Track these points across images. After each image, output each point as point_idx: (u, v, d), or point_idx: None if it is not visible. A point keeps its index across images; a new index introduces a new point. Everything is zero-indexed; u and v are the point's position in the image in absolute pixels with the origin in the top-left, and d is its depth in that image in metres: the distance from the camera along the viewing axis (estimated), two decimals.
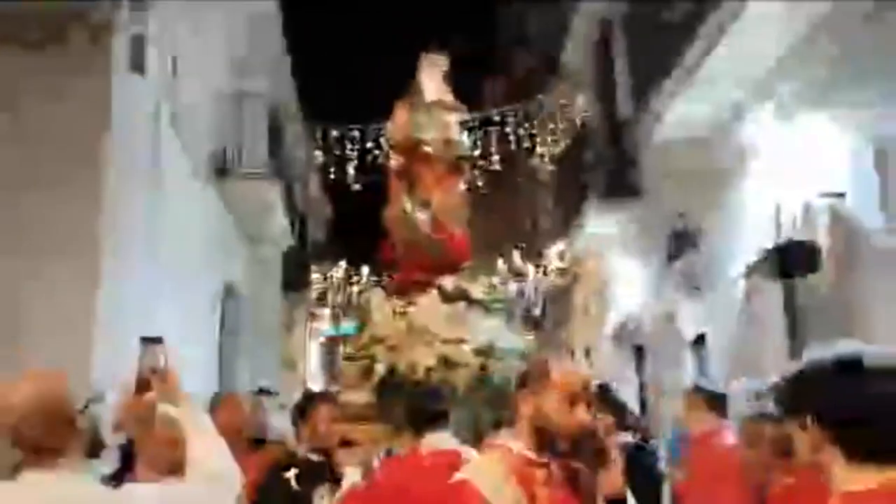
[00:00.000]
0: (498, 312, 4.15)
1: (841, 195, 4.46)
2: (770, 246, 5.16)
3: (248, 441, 3.17)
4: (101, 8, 4.77)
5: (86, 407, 1.67)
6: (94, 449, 1.75)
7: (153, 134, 5.69)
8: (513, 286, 4.76)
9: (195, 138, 6.89)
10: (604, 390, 3.02)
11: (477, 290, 4.20)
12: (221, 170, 8.06)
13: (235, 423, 2.85)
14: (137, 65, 5.28)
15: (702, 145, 6.63)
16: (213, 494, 1.73)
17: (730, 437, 2.95)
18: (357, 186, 7.66)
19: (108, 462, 2.48)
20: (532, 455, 1.64)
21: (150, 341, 1.93)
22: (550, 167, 9.87)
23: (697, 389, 3.28)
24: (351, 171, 7.48)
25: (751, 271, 5.66)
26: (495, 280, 4.84)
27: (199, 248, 7.22)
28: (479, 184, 5.00)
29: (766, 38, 4.93)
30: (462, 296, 4.13)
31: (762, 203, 5.35)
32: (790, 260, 5.70)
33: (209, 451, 1.77)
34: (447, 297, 4.06)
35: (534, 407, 1.65)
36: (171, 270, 5.89)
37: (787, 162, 5.22)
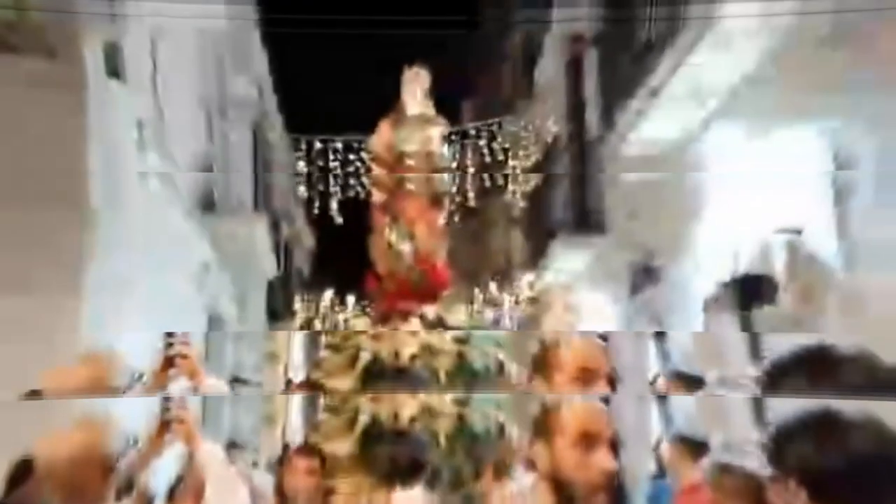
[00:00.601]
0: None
1: (798, 231, 4.50)
2: (728, 280, 5.18)
3: None
4: (74, 15, 4.47)
5: (125, 451, 1.62)
6: (125, 492, 1.73)
7: (137, 150, 5.38)
8: (489, 314, 4.69)
9: (181, 153, 6.60)
10: None
11: (456, 318, 4.13)
12: (209, 206, 7.88)
13: None
14: (113, 73, 5.00)
15: (663, 180, 6.67)
16: None
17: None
18: (340, 220, 7.53)
19: None
20: None
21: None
22: (522, 204, 9.89)
23: (682, 438, 3.13)
24: (334, 204, 7.34)
25: (710, 305, 5.67)
26: (474, 308, 4.76)
27: (181, 276, 6.99)
28: (457, 218, 4.93)
29: (726, 63, 4.93)
30: (441, 323, 4.06)
31: (722, 237, 5.38)
32: (748, 293, 5.74)
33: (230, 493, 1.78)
34: (428, 325, 3.98)
35: (547, 458, 1.29)
36: (152, 301, 5.64)
37: (747, 195, 5.25)
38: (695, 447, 3.02)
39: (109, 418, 1.67)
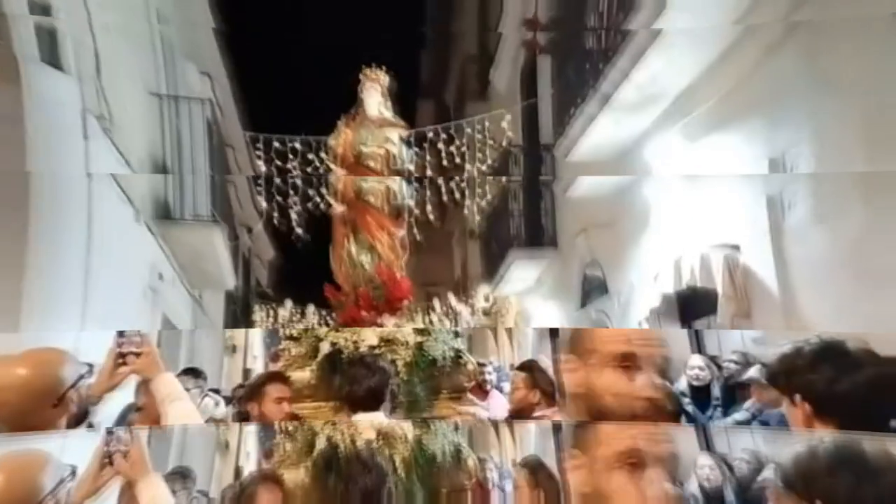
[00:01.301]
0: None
1: (735, 247, 4.67)
2: (671, 292, 5.35)
3: None
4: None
5: (76, 383, 1.60)
6: (78, 420, 1.72)
7: (83, 139, 5.03)
8: (447, 324, 4.71)
9: (130, 145, 6.20)
10: (535, 366, 2.90)
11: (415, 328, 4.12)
12: (162, 213, 7.58)
13: None
14: (50, 58, 4.63)
15: (611, 200, 6.84)
16: None
17: None
18: (299, 231, 7.40)
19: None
20: None
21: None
22: (479, 218, 9.97)
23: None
24: (294, 216, 7.22)
25: (654, 316, 5.83)
26: (433, 318, 4.77)
27: (135, 285, 6.75)
28: (416, 231, 4.94)
29: (673, 69, 5.06)
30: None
31: (664, 252, 5.54)
32: (689, 306, 5.93)
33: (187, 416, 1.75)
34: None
35: (581, 379, 1.14)
36: (104, 306, 5.41)
37: (687, 214, 5.44)
38: None
39: (59, 352, 1.64)
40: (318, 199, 6.88)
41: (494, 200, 9.71)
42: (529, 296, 10.89)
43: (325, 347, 3.52)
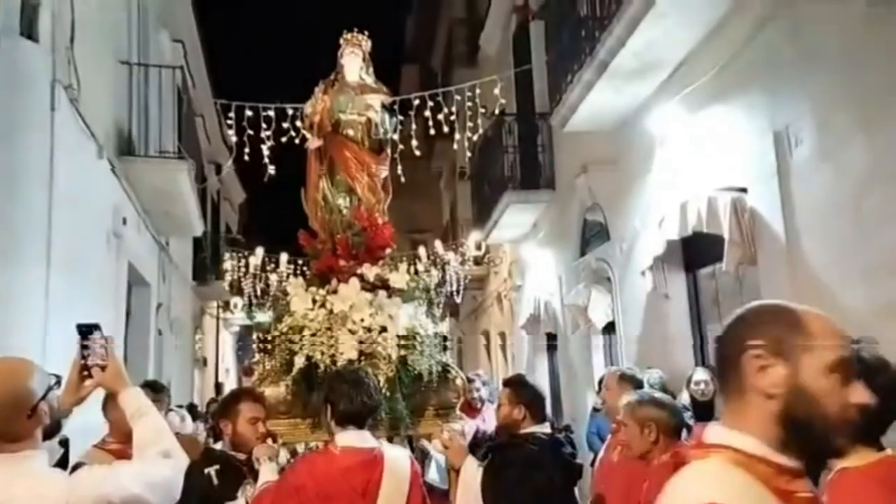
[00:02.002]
0: (419, 300, 4.10)
1: (743, 190, 4.71)
2: (675, 238, 5.41)
3: None
4: None
5: (46, 393, 1.65)
6: (52, 432, 1.78)
7: (50, 110, 5.22)
8: (434, 274, 4.72)
9: (97, 115, 6.41)
10: (520, 381, 3.03)
11: (399, 279, 4.13)
12: (125, 150, 7.56)
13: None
14: (28, 31, 4.85)
15: (613, 138, 6.86)
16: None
17: None
18: (272, 170, 7.35)
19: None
20: (782, 458, 1.04)
21: (87, 328, 1.87)
22: (469, 155, 9.91)
23: (625, 376, 3.39)
24: (266, 151, 7.16)
25: (657, 265, 5.92)
26: (418, 268, 4.78)
27: (100, 234, 6.77)
28: (400, 171, 4.90)
29: (674, 33, 5.13)
30: (384, 284, 4.06)
31: (669, 196, 5.57)
32: (694, 253, 6.02)
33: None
34: (369, 286, 3.97)
35: (784, 377, 1.05)
36: (68, 256, 5.48)
37: (693, 156, 5.46)
38: (637, 385, 3.33)
39: (26, 362, 1.70)
40: (292, 133, 6.83)
41: (488, 138, 9.65)
42: (525, 243, 10.99)
43: (299, 361, 3.46)
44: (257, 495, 2.56)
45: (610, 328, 7.57)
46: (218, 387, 15.63)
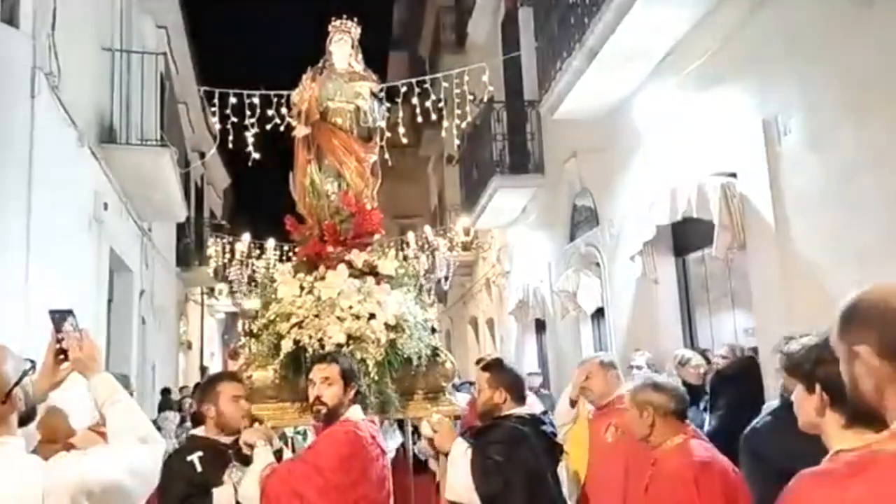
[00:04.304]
0: (407, 286, 4.10)
1: (732, 175, 4.74)
2: (665, 223, 5.44)
3: None
4: None
5: (21, 378, 1.63)
6: (28, 417, 1.77)
7: (30, 97, 5.18)
8: (423, 260, 4.71)
9: (78, 102, 6.34)
10: (499, 365, 3.07)
11: (387, 265, 4.12)
12: (107, 137, 7.47)
13: None
14: (10, 17, 4.83)
15: (603, 124, 6.87)
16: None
17: None
18: (257, 156, 7.30)
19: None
20: None
21: (61, 314, 1.84)
22: (458, 142, 9.89)
23: (604, 363, 3.44)
24: (250, 138, 7.11)
25: (647, 249, 5.96)
26: (407, 253, 4.77)
27: (81, 220, 6.70)
28: (388, 156, 4.88)
29: (663, 21, 5.15)
30: (372, 270, 4.05)
31: (659, 182, 5.60)
32: (683, 238, 6.06)
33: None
34: (357, 272, 3.96)
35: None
36: (49, 243, 5.44)
37: (683, 142, 5.49)
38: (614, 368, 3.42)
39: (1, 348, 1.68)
40: (277, 121, 6.78)
41: (476, 121, 9.63)
42: (513, 228, 11.01)
43: (286, 345, 3.45)
44: (293, 476, 2.55)
45: (599, 313, 7.62)
46: (203, 370, 15.66)
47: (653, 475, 2.53)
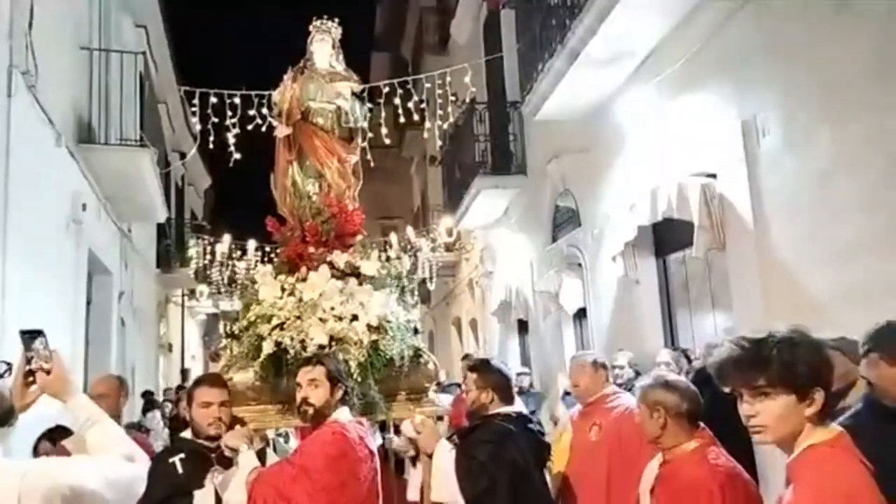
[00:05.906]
0: (390, 287, 4.09)
1: (712, 175, 4.79)
2: (646, 224, 5.49)
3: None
4: None
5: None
6: (4, 419, 1.74)
7: (7, 97, 5.09)
8: (406, 261, 4.70)
9: (55, 101, 6.25)
10: (486, 365, 3.08)
11: (369, 266, 4.11)
12: (85, 137, 7.38)
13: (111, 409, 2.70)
14: None
15: (584, 125, 6.92)
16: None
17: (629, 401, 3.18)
18: (238, 156, 7.24)
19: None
20: None
21: (31, 335, 1.81)
22: (440, 143, 9.89)
23: (596, 362, 3.46)
24: (231, 138, 7.05)
25: (629, 250, 6.01)
26: (389, 254, 4.76)
27: (59, 221, 6.61)
28: (370, 157, 4.87)
29: (644, 23, 5.20)
30: (354, 271, 4.04)
31: (640, 182, 5.64)
32: (664, 238, 6.12)
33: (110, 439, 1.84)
34: (339, 273, 3.95)
35: None
36: (27, 244, 5.36)
37: (664, 143, 5.54)
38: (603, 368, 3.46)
39: None
40: (258, 121, 6.73)
41: (458, 122, 9.64)
42: (496, 229, 11.04)
43: (268, 347, 3.43)
44: (280, 481, 2.51)
45: (581, 314, 7.66)
46: (184, 373, 15.50)
47: (663, 478, 2.39)
